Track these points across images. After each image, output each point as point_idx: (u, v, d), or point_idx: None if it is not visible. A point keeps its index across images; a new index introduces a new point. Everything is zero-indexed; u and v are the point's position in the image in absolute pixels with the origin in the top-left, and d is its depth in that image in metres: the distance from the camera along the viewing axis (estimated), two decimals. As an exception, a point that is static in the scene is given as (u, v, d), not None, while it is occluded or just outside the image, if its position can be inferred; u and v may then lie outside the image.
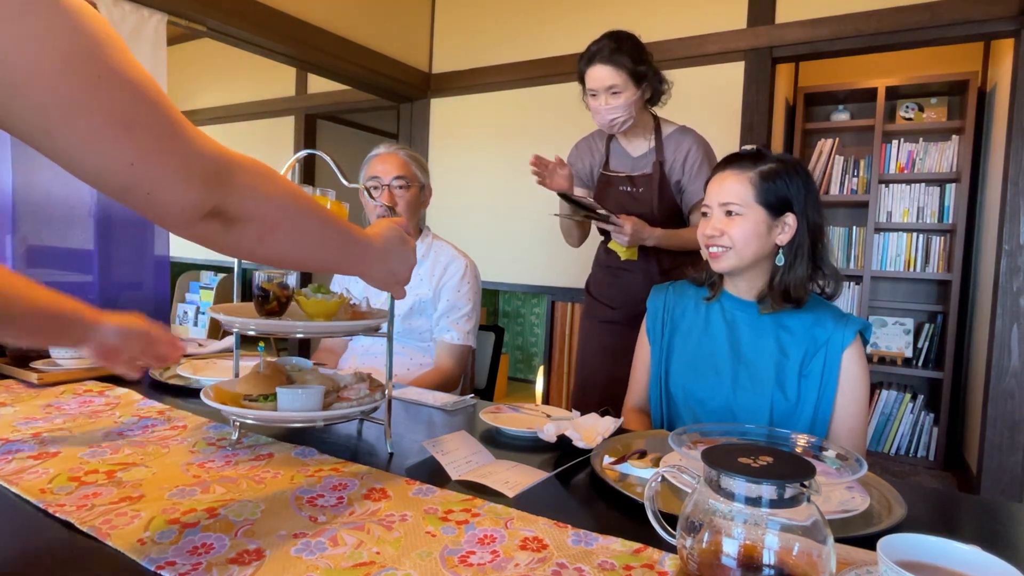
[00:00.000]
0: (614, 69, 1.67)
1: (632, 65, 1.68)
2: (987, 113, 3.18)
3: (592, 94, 1.74)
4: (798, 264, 1.19)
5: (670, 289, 1.39)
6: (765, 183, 1.17)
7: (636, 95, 1.72)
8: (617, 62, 1.67)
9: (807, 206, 1.18)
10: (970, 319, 3.28)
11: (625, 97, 1.70)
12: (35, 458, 0.93)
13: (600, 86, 1.70)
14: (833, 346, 1.17)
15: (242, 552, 0.68)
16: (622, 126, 1.77)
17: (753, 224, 1.18)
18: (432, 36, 3.55)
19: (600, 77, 1.69)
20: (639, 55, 1.70)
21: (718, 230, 1.20)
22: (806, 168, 1.22)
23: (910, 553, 0.57)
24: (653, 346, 1.36)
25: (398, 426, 1.18)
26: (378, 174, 1.75)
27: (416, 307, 1.77)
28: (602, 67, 1.68)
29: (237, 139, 4.58)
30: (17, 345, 1.38)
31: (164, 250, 2.34)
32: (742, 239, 1.18)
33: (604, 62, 1.68)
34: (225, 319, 1.01)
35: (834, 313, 1.21)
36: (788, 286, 1.19)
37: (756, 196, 1.17)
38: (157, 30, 2.24)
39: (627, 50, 1.68)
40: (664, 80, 1.79)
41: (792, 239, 1.19)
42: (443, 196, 3.44)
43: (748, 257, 1.19)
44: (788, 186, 1.17)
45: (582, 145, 1.99)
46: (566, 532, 0.75)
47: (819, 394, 1.18)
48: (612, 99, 1.71)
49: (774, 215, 1.18)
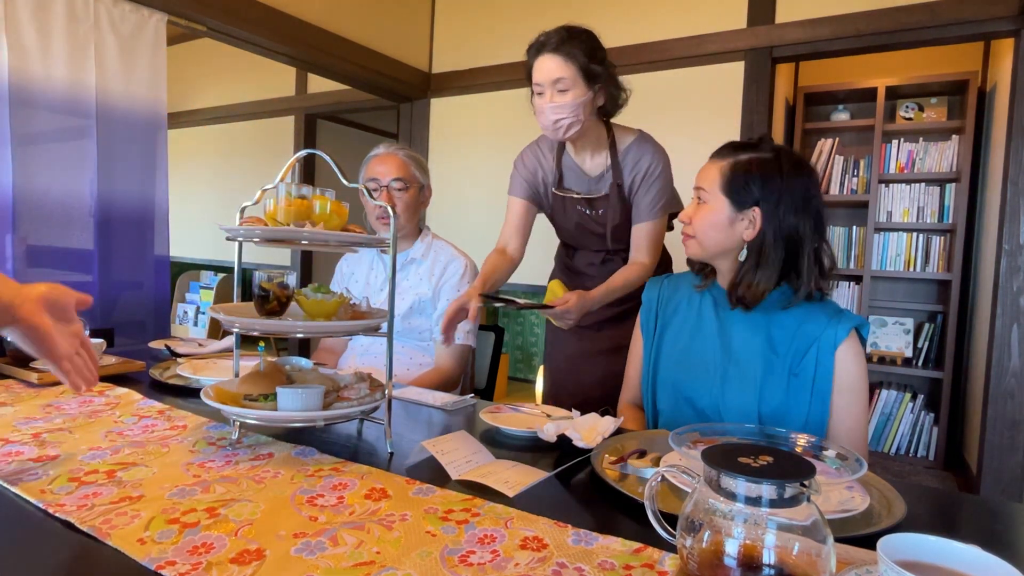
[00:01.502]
0: (563, 60, 1.46)
1: (584, 60, 1.46)
2: (987, 113, 3.18)
3: (538, 91, 1.51)
4: (760, 270, 1.13)
5: (664, 283, 1.36)
6: (734, 173, 1.13)
7: (586, 96, 1.48)
8: (567, 53, 1.46)
9: (780, 204, 1.11)
10: (970, 319, 3.28)
11: (573, 95, 1.47)
12: (35, 459, 0.93)
13: (546, 79, 1.48)
14: (825, 344, 1.14)
15: (242, 552, 0.68)
16: (567, 131, 1.52)
17: (714, 212, 1.15)
18: (432, 36, 3.55)
19: (547, 69, 1.47)
20: (594, 52, 1.49)
21: (688, 216, 1.20)
22: (798, 164, 1.14)
23: (910, 553, 0.57)
24: (645, 340, 1.34)
25: (398, 426, 1.18)
26: (377, 175, 1.75)
27: (416, 307, 1.77)
28: (550, 57, 1.47)
29: (237, 139, 4.59)
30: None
31: (164, 250, 2.34)
32: (702, 228, 1.17)
33: (552, 52, 1.47)
34: (225, 319, 1.01)
35: (829, 310, 1.16)
36: (745, 292, 1.15)
37: (721, 185, 1.14)
38: (157, 30, 2.24)
39: (580, 44, 1.47)
40: (621, 87, 1.57)
41: (756, 237, 1.13)
42: (443, 196, 3.44)
43: (711, 247, 1.17)
44: (760, 179, 1.11)
45: (527, 156, 1.71)
46: (566, 532, 0.75)
47: (812, 393, 1.14)
48: (558, 96, 1.48)
49: (738, 207, 1.14)
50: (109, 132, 2.12)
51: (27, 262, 1.96)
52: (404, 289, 1.79)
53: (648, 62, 2.88)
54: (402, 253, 1.82)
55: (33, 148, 1.96)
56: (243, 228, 1.00)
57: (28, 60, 1.92)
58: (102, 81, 2.09)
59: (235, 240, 1.05)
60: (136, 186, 2.23)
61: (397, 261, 1.64)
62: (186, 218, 4.62)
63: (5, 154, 1.88)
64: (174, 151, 2.78)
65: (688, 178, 1.22)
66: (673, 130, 2.93)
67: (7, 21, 1.87)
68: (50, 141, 2.03)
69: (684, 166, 1.76)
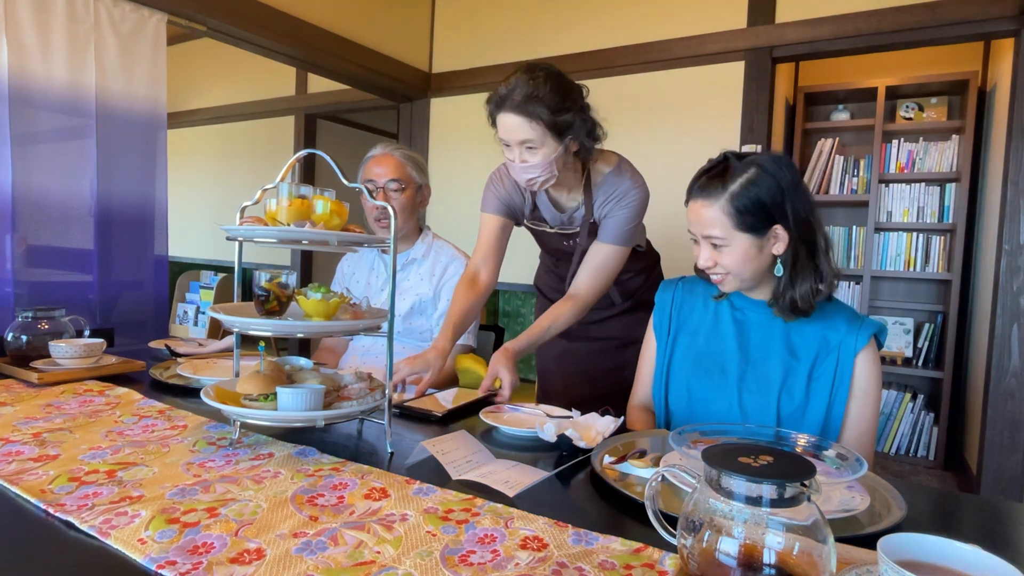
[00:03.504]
0: (527, 121, 1.32)
1: (550, 116, 1.32)
2: (987, 113, 3.18)
3: (505, 144, 1.40)
4: (799, 275, 1.14)
5: (679, 285, 1.36)
6: (740, 208, 1.10)
7: (557, 151, 1.36)
8: (530, 113, 1.31)
9: (789, 208, 1.11)
10: (970, 319, 3.28)
11: (543, 154, 1.36)
12: (35, 459, 0.93)
13: (512, 139, 1.36)
14: (846, 350, 1.15)
15: (242, 552, 0.68)
16: (542, 186, 1.44)
17: (742, 251, 1.13)
18: (432, 36, 3.55)
19: (511, 127, 1.35)
20: (560, 101, 1.33)
21: (711, 260, 1.16)
22: (779, 160, 1.13)
23: (910, 553, 0.57)
24: (659, 342, 1.34)
25: (398, 426, 1.18)
26: (374, 177, 1.75)
27: (416, 307, 1.77)
28: (512, 117, 1.34)
29: (237, 139, 4.59)
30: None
31: (164, 250, 2.34)
32: (735, 265, 1.14)
33: (514, 111, 1.33)
34: (225, 319, 1.01)
35: (848, 315, 1.18)
36: (795, 300, 1.14)
37: (735, 224, 1.11)
38: (157, 30, 2.24)
39: (543, 97, 1.31)
40: (596, 126, 1.43)
41: (787, 247, 1.13)
42: (443, 196, 3.44)
43: (749, 276, 1.16)
44: (762, 198, 1.09)
45: (505, 178, 1.62)
46: (566, 531, 0.75)
47: (831, 398, 1.15)
48: (528, 154, 1.37)
49: (760, 234, 1.12)
50: (109, 132, 2.12)
51: (27, 262, 1.96)
52: (405, 289, 1.79)
53: (648, 62, 2.87)
54: (402, 253, 1.82)
55: (33, 148, 1.96)
56: (243, 228, 1.00)
57: (28, 60, 1.92)
58: (102, 81, 2.09)
59: (235, 240, 1.05)
60: (136, 186, 2.23)
61: (397, 261, 1.64)
62: (186, 218, 4.62)
63: (5, 154, 1.88)
64: (174, 151, 2.78)
65: (689, 178, 1.21)
66: (673, 130, 2.94)
67: (7, 21, 1.86)
68: (50, 141, 2.03)
69: (684, 166, 1.75)
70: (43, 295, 1.99)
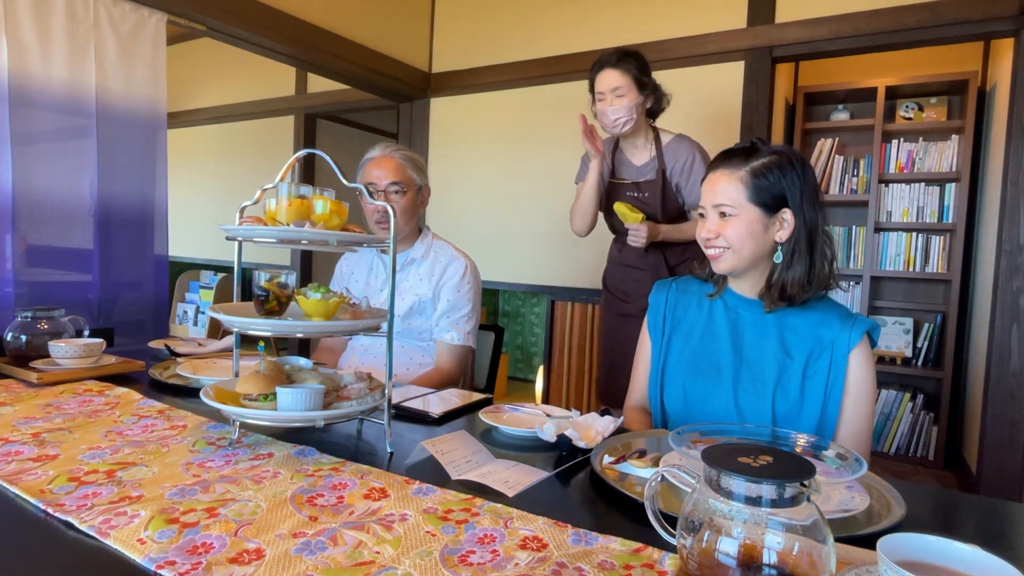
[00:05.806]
0: (620, 73, 1.91)
1: (636, 72, 1.92)
2: (987, 113, 3.18)
3: (600, 98, 1.95)
4: (796, 262, 1.16)
5: (673, 285, 1.36)
6: (757, 181, 1.13)
7: (639, 100, 1.94)
8: (623, 67, 1.91)
9: (803, 200, 1.14)
10: (970, 319, 3.28)
11: (629, 99, 1.92)
12: (35, 459, 0.93)
13: (607, 87, 1.92)
14: (839, 347, 1.15)
15: (242, 552, 0.68)
16: (624, 126, 1.95)
17: (747, 223, 1.15)
18: (432, 36, 3.55)
19: (607, 80, 1.92)
20: (643, 68, 1.95)
21: (713, 232, 1.18)
22: (803, 159, 1.17)
23: (910, 553, 0.57)
24: (654, 342, 1.34)
25: (398, 426, 1.18)
26: (373, 180, 1.74)
27: (416, 307, 1.77)
28: (610, 71, 1.92)
29: (237, 139, 4.59)
30: None
31: (163, 249, 2.34)
32: (737, 239, 1.16)
33: (611, 67, 1.92)
34: (225, 319, 1.01)
35: (841, 313, 1.18)
36: (785, 284, 1.16)
37: (748, 195, 1.14)
38: (157, 30, 2.24)
39: (633, 60, 1.93)
40: (664, 96, 2.01)
41: (791, 236, 1.15)
42: (443, 196, 3.45)
43: (747, 256, 1.17)
44: (782, 181, 1.13)
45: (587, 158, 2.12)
46: (566, 531, 0.75)
47: (825, 396, 1.15)
48: (617, 100, 1.92)
49: (769, 213, 1.15)
50: (109, 132, 2.12)
51: (27, 262, 1.96)
52: (404, 289, 1.79)
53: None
54: (402, 253, 1.82)
55: (33, 148, 1.96)
56: (243, 228, 1.00)
57: (28, 60, 1.92)
58: (102, 81, 2.09)
59: (235, 240, 1.05)
60: (136, 186, 2.23)
61: (397, 261, 1.64)
62: (186, 218, 4.62)
63: (5, 154, 1.88)
64: (174, 151, 2.78)
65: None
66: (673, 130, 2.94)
67: (7, 21, 1.86)
68: (50, 141, 2.03)
69: (684, 166, 1.76)
70: (43, 295, 1.99)
